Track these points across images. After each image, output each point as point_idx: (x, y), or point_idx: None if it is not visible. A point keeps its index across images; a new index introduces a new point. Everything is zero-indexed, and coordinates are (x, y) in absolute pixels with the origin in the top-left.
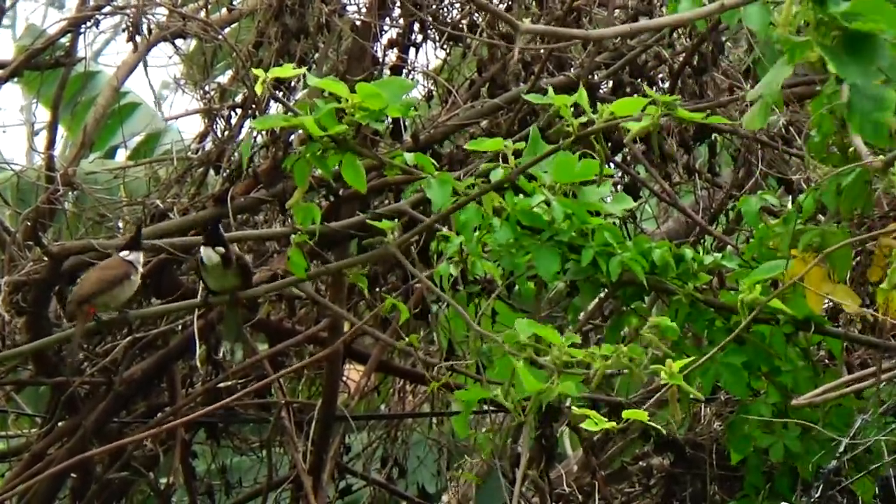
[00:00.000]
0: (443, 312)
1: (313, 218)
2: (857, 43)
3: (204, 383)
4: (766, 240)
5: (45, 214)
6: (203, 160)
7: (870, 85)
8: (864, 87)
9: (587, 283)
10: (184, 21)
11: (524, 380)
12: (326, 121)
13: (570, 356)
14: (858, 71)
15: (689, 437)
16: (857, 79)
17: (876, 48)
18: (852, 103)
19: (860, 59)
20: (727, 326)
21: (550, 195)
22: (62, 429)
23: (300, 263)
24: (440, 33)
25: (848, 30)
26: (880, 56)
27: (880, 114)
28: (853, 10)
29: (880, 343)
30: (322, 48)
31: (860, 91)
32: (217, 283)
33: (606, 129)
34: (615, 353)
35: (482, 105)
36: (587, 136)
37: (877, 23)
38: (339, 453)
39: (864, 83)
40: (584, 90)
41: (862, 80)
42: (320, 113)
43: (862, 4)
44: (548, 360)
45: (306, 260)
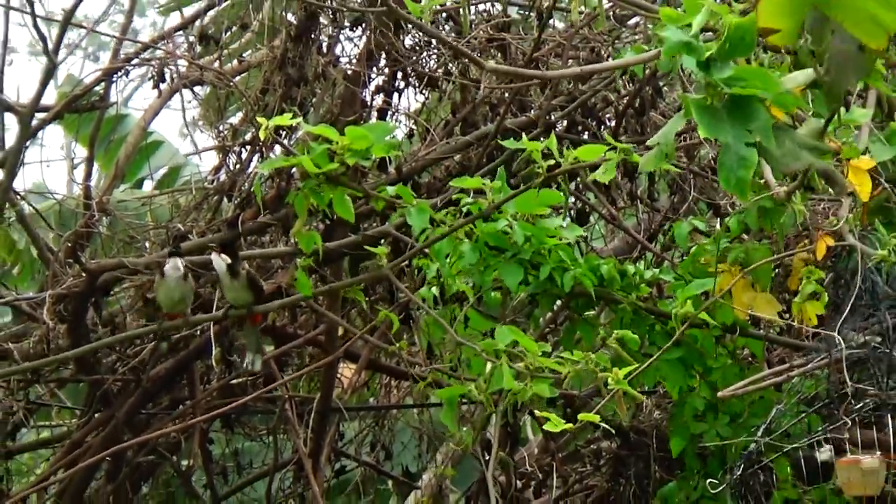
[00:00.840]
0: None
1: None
2: (739, 105)
3: (219, 380)
4: (699, 256)
5: (83, 237)
6: (217, 190)
7: (739, 144)
8: (733, 146)
9: (545, 295)
10: (201, 71)
11: (506, 381)
12: (320, 160)
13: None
14: (731, 131)
15: (634, 424)
16: (729, 138)
17: (753, 111)
18: (721, 160)
19: (737, 119)
20: (665, 330)
21: (513, 221)
22: (98, 420)
23: (306, 283)
24: (419, 80)
25: (731, 93)
26: (756, 118)
27: (743, 171)
28: (736, 75)
29: (795, 343)
30: (319, 94)
31: (730, 149)
32: (234, 296)
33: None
34: (583, 359)
35: (456, 141)
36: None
37: (756, 88)
38: (335, 439)
39: (734, 142)
40: (554, 137)
41: (733, 140)
42: (315, 154)
43: (744, 71)
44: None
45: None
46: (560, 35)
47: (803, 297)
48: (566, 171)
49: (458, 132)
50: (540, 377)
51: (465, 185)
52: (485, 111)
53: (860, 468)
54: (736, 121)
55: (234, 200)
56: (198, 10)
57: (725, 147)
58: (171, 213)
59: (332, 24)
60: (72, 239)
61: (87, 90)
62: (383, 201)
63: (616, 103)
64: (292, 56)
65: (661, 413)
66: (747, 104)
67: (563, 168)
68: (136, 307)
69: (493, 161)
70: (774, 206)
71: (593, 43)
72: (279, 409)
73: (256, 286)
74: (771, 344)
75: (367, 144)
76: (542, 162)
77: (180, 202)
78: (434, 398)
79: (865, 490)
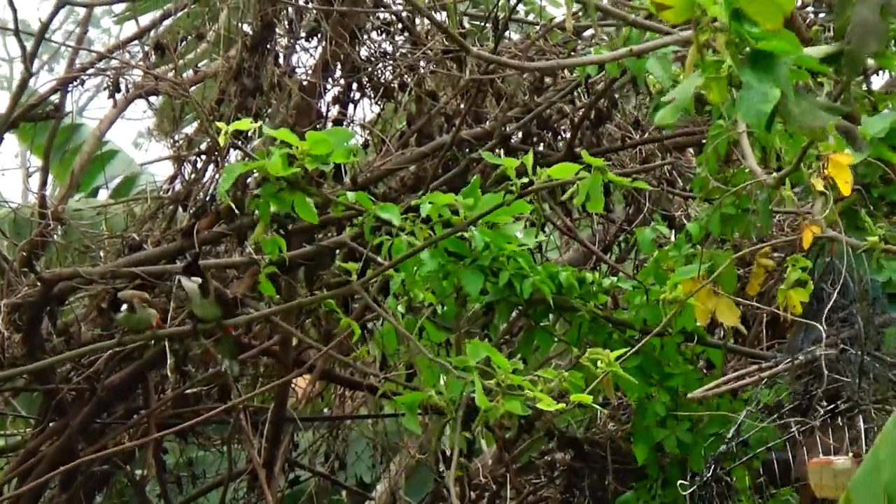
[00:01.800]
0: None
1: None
2: (761, 60)
3: (174, 390)
4: (662, 263)
5: (38, 246)
6: (173, 199)
7: (763, 84)
8: (755, 85)
9: (503, 303)
10: (156, 81)
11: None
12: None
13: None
14: (755, 76)
15: (588, 435)
16: (753, 80)
17: (775, 65)
18: (742, 97)
19: (759, 70)
20: (623, 339)
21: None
22: (52, 429)
23: (269, 288)
24: (375, 91)
25: (755, 48)
26: (778, 72)
27: (764, 105)
28: (762, 34)
29: (753, 353)
30: (274, 104)
31: (751, 87)
32: (202, 312)
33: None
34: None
35: (411, 152)
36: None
37: (780, 46)
38: (289, 449)
39: (757, 84)
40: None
41: (756, 82)
42: (275, 158)
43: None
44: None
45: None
46: (516, 46)
47: (789, 284)
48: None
49: (414, 143)
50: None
51: (438, 200)
52: (440, 122)
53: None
54: (760, 71)
55: (188, 210)
56: (153, 19)
57: (746, 86)
58: (127, 223)
59: (288, 34)
60: (27, 248)
61: (42, 99)
62: (342, 207)
63: (572, 115)
64: (248, 66)
65: (615, 424)
66: (769, 61)
67: (536, 186)
68: (91, 317)
69: (449, 172)
70: (737, 213)
71: (549, 54)
72: (233, 418)
73: (224, 300)
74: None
75: (326, 150)
76: (516, 180)
77: (135, 211)
78: (389, 408)
79: (837, 492)
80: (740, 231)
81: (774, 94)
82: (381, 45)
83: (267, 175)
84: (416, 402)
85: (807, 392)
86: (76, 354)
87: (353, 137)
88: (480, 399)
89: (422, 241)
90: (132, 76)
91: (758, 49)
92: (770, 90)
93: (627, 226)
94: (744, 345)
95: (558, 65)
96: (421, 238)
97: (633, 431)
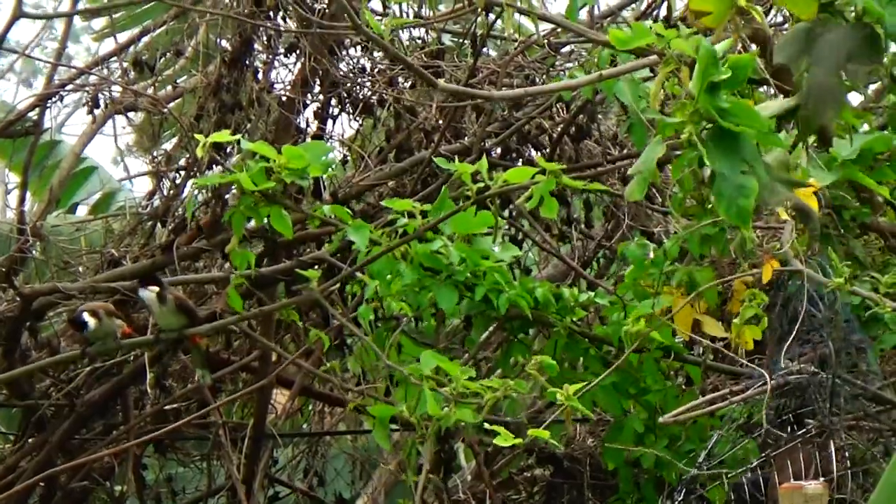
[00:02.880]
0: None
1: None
2: (725, 137)
3: (153, 405)
4: (640, 279)
5: (17, 261)
6: (152, 215)
7: (735, 174)
8: (729, 176)
9: (480, 317)
10: (135, 97)
11: (429, 406)
12: (258, 178)
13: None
14: (725, 161)
15: (567, 451)
16: (724, 168)
17: (741, 144)
18: (719, 190)
19: (727, 151)
20: (600, 355)
21: (448, 242)
22: (31, 445)
23: (237, 301)
24: (354, 107)
25: (719, 125)
26: (744, 150)
27: (744, 200)
28: (729, 110)
29: (731, 369)
30: (253, 120)
31: (726, 179)
32: (164, 322)
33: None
34: (503, 386)
35: (390, 168)
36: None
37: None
38: (268, 465)
39: (730, 172)
40: (485, 159)
41: (728, 170)
42: (253, 171)
43: (736, 107)
44: (446, 390)
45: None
46: (494, 62)
47: (743, 319)
48: (496, 194)
49: (393, 158)
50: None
51: (395, 206)
52: (419, 138)
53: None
54: (726, 151)
55: (168, 226)
56: (132, 36)
57: (720, 177)
58: (105, 239)
59: (267, 49)
60: (5, 264)
61: (20, 116)
62: (318, 221)
63: (551, 130)
64: (227, 82)
65: (594, 440)
66: (733, 136)
67: (492, 191)
68: (69, 332)
69: (428, 187)
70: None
71: (527, 70)
72: (213, 434)
73: (186, 309)
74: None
75: (303, 164)
76: (471, 184)
77: (114, 227)
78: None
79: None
80: (718, 249)
81: (752, 186)
82: (359, 60)
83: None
84: (388, 416)
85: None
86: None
87: (331, 151)
88: (431, 407)
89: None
90: (111, 92)
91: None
92: (746, 182)
93: (606, 241)
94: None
95: (525, 93)
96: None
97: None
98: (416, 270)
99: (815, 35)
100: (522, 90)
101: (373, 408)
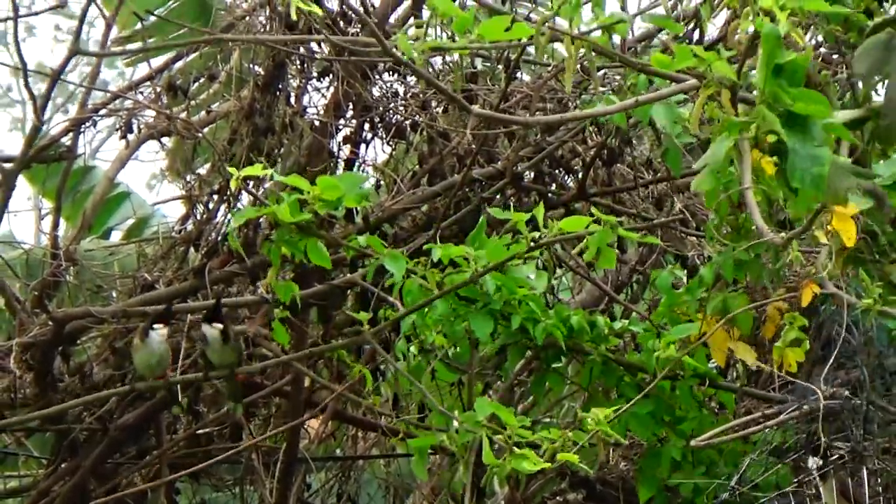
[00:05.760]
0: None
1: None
2: (794, 121)
3: (185, 430)
4: (675, 306)
5: (50, 286)
6: (185, 239)
7: (807, 147)
8: (802, 149)
9: (514, 346)
10: (169, 122)
11: (485, 455)
12: (292, 210)
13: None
14: (797, 137)
15: (600, 475)
16: (797, 143)
17: (810, 125)
18: (793, 162)
19: (797, 131)
20: (635, 382)
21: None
22: (64, 469)
23: (283, 335)
24: (387, 131)
25: (790, 109)
26: (814, 131)
27: (818, 168)
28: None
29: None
30: (286, 144)
31: (798, 152)
32: (218, 358)
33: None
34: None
35: (423, 192)
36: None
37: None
38: (301, 490)
39: (802, 147)
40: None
41: (800, 145)
42: (286, 204)
43: (803, 93)
44: (500, 438)
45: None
46: (527, 86)
47: (785, 342)
48: (550, 243)
49: (425, 182)
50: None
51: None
52: (452, 162)
53: None
54: (796, 131)
55: (200, 250)
56: (165, 60)
57: (793, 151)
58: (138, 263)
59: (300, 74)
60: (39, 288)
61: (54, 140)
62: (353, 251)
63: (584, 154)
64: (260, 106)
65: (627, 464)
66: (804, 122)
67: (547, 240)
68: (103, 356)
69: (460, 211)
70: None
71: (561, 94)
72: (245, 459)
73: (238, 347)
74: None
75: (338, 194)
76: (527, 233)
77: (147, 252)
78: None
79: None
80: (753, 276)
81: (825, 156)
82: (392, 84)
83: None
84: (427, 446)
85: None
86: (91, 400)
87: (366, 181)
88: (488, 457)
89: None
90: (145, 117)
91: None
92: (819, 152)
93: (640, 266)
94: (757, 385)
95: (562, 119)
96: (432, 282)
97: (640, 473)
98: (450, 300)
99: (894, 46)
100: (559, 116)
101: (413, 440)
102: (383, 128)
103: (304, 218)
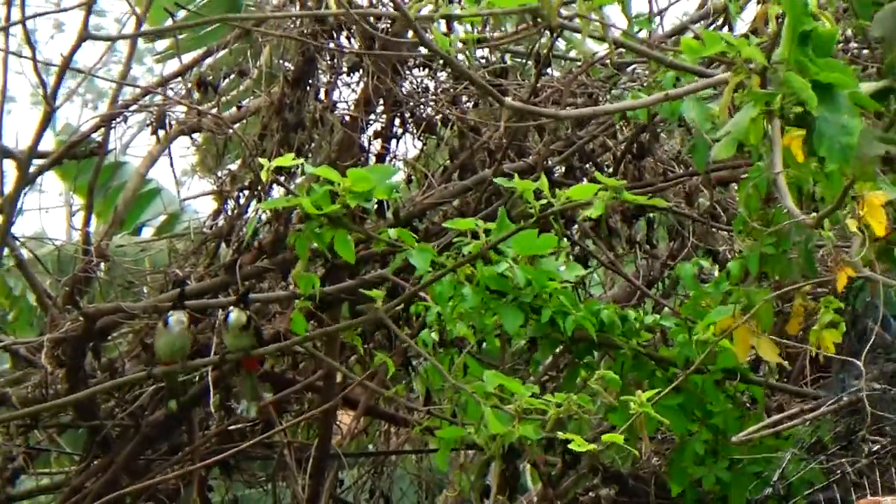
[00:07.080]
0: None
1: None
2: (823, 90)
3: (218, 426)
4: (700, 300)
5: (82, 282)
6: (216, 235)
7: (837, 116)
8: (831, 118)
9: (545, 340)
10: (199, 117)
11: (490, 423)
12: (322, 202)
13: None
14: (825, 107)
15: (632, 470)
16: (825, 112)
17: (837, 95)
18: (821, 131)
19: (825, 100)
20: (666, 376)
21: (514, 264)
22: (97, 466)
23: (301, 324)
24: (417, 126)
25: (815, 79)
26: (841, 100)
27: (847, 138)
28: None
29: (796, 390)
30: (317, 139)
31: (828, 120)
32: (235, 343)
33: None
34: (566, 401)
35: (454, 186)
36: (546, 217)
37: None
38: (334, 486)
39: (831, 115)
40: (544, 177)
41: (829, 113)
42: (317, 195)
43: (828, 63)
44: (510, 407)
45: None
46: (558, 81)
47: (822, 325)
48: (559, 211)
49: (456, 177)
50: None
51: (457, 226)
52: (482, 157)
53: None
54: (826, 101)
55: (231, 245)
56: (195, 56)
57: (821, 119)
58: (169, 259)
59: (330, 69)
60: (70, 284)
61: (85, 136)
62: (383, 243)
63: (614, 149)
64: (290, 101)
65: (659, 459)
66: (831, 91)
67: (555, 207)
68: (134, 352)
69: (491, 206)
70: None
71: (591, 89)
72: (278, 455)
73: (258, 333)
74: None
75: (368, 186)
76: (535, 202)
77: (178, 248)
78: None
79: None
80: (779, 271)
81: (854, 125)
82: (422, 80)
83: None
84: (454, 439)
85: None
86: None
87: (396, 173)
88: (493, 424)
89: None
90: (175, 113)
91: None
92: (849, 121)
93: (671, 261)
94: (788, 380)
95: (593, 112)
96: (462, 274)
97: (670, 468)
98: (480, 293)
99: None
100: (590, 109)
101: (441, 431)
102: (414, 123)
103: (334, 209)
